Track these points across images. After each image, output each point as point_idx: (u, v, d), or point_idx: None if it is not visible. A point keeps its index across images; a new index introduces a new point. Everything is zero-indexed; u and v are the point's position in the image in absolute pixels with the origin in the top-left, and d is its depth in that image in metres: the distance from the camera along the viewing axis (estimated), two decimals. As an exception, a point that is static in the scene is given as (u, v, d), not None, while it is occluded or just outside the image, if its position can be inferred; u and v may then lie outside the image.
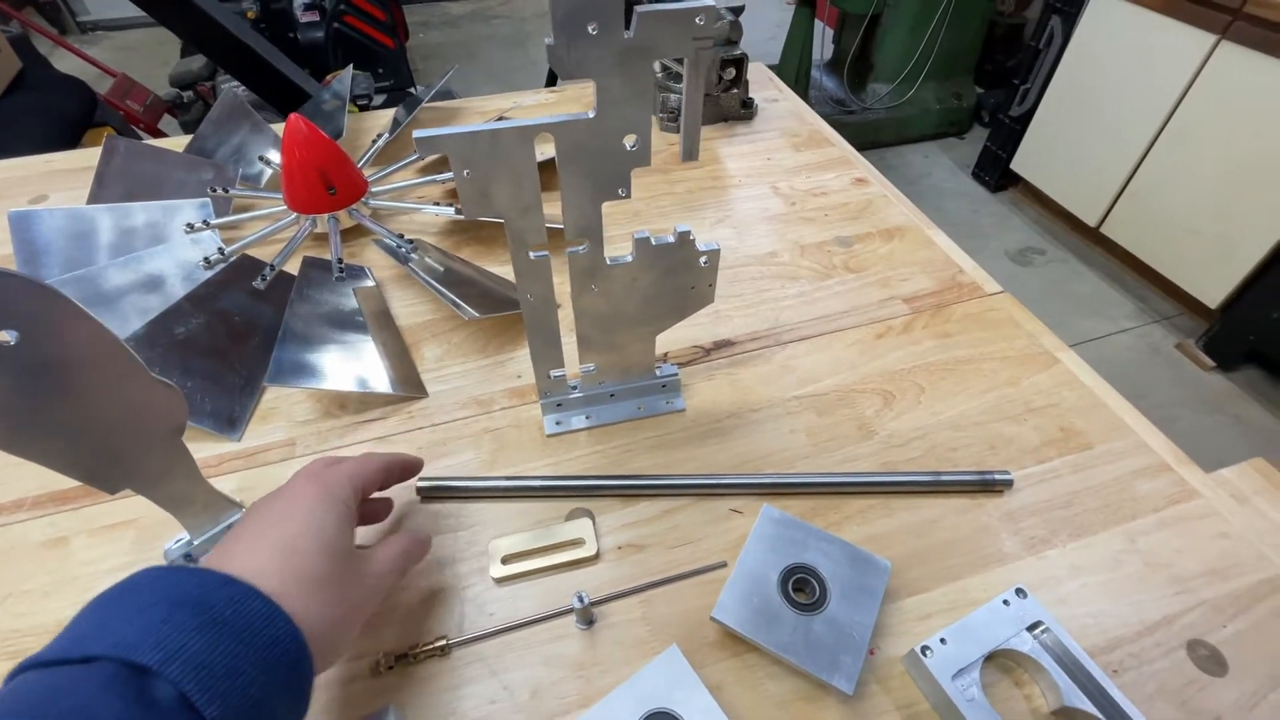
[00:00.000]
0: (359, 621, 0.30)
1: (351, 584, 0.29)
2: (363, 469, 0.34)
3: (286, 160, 0.56)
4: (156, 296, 0.52)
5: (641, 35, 0.28)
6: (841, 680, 0.32)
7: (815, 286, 0.58)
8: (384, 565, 0.32)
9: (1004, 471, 0.42)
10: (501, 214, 0.33)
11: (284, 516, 0.30)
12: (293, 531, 0.29)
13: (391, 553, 0.33)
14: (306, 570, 0.28)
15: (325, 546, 0.29)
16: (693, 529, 0.41)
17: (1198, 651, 0.35)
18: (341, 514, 0.30)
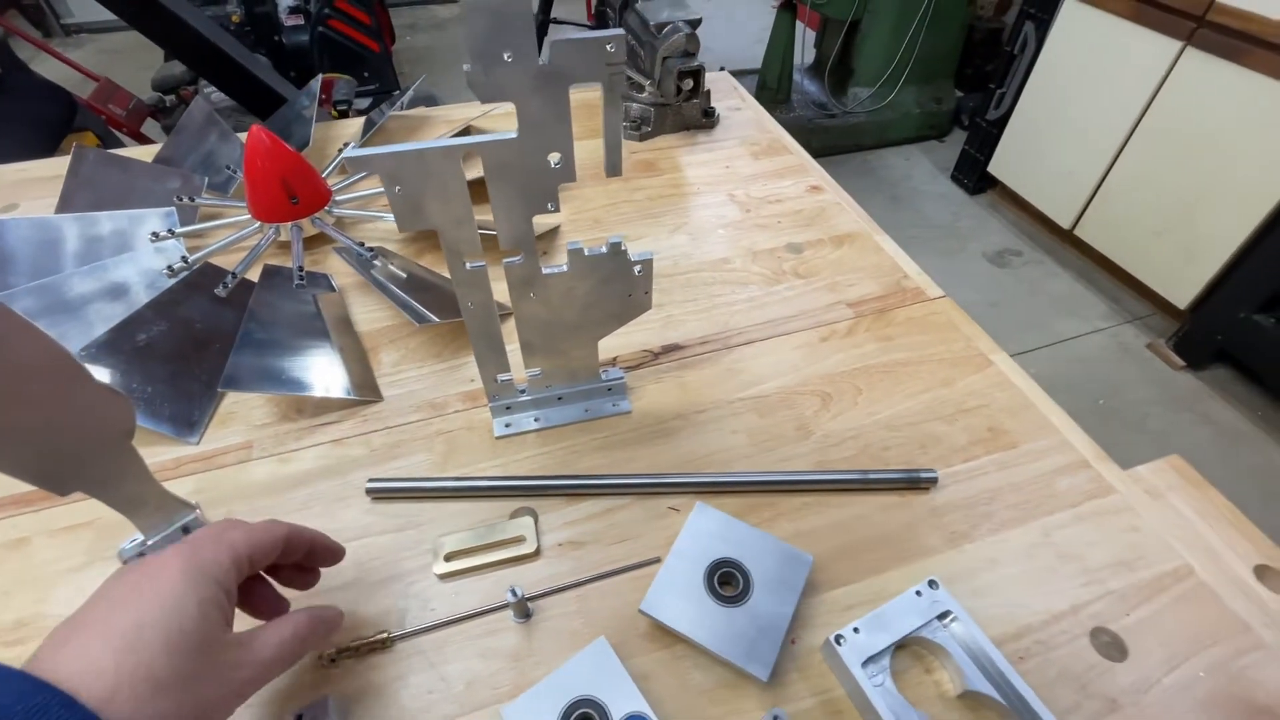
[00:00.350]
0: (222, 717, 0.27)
1: (210, 682, 0.26)
2: (254, 538, 0.30)
3: (249, 170, 0.58)
4: (120, 304, 0.54)
5: (555, 62, 0.30)
6: (758, 668, 0.34)
7: (765, 291, 0.60)
8: (265, 653, 0.28)
9: (930, 470, 0.44)
10: (435, 226, 0.35)
11: (135, 598, 0.25)
12: (140, 620, 0.25)
13: (278, 637, 0.29)
14: (147, 669, 0.23)
15: (179, 638, 0.25)
16: (632, 526, 0.43)
17: (1100, 638, 0.37)
18: (207, 596, 0.26)
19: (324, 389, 0.49)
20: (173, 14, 1.12)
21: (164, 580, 0.26)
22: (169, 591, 0.26)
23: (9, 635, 0.37)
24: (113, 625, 0.24)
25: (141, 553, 0.40)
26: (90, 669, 0.23)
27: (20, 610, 0.39)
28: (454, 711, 0.34)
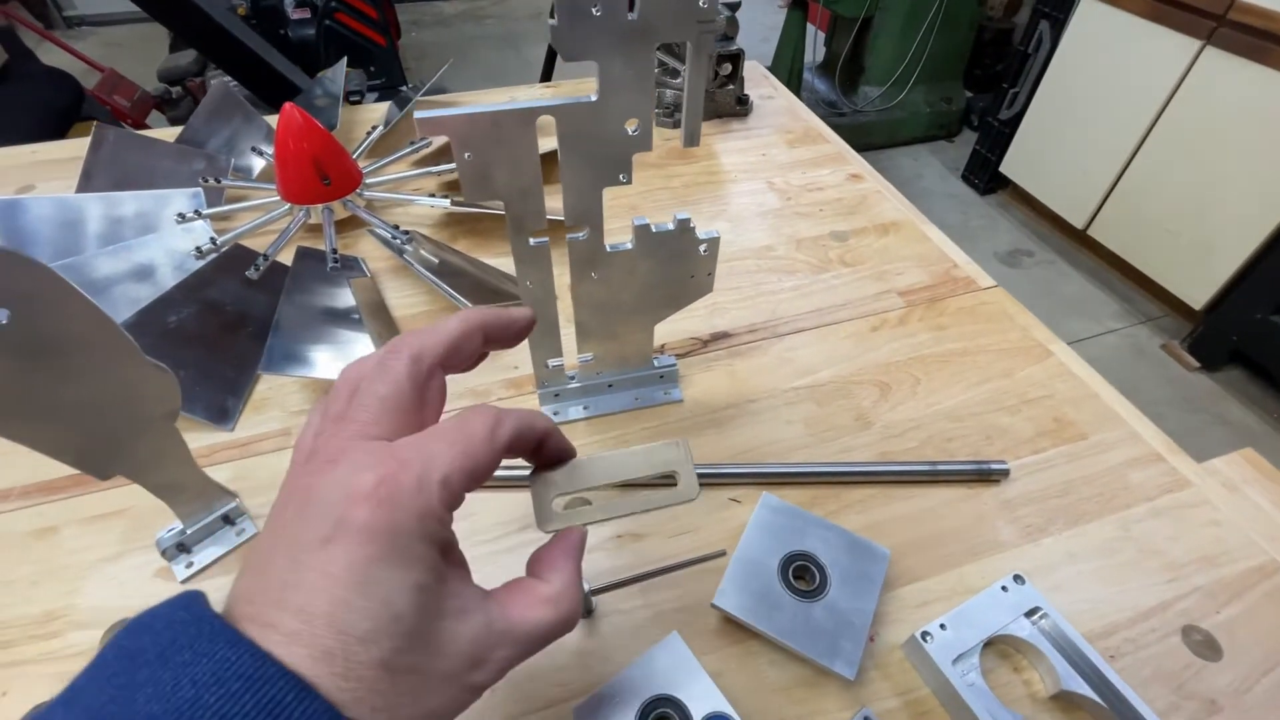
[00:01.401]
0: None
1: (445, 692, 0.19)
2: (468, 462, 0.21)
3: (280, 150, 0.56)
4: (147, 286, 0.51)
5: (645, 17, 0.28)
6: (843, 666, 0.32)
7: (811, 280, 0.58)
8: (518, 647, 0.21)
9: (1000, 461, 0.42)
10: (501, 197, 0.33)
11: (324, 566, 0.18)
12: (340, 613, 0.18)
13: (537, 617, 0.22)
14: (378, 693, 0.18)
15: (399, 646, 0.18)
16: (691, 518, 0.41)
17: (1192, 637, 0.36)
18: (425, 568, 0.19)
19: (363, 374, 0.47)
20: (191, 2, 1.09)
21: (356, 540, 0.18)
22: (370, 567, 0.18)
23: (39, 629, 0.35)
24: (310, 617, 0.17)
25: (180, 543, 0.38)
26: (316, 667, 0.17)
27: (49, 602, 0.37)
28: (520, 710, 0.32)
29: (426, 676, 0.19)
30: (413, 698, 0.18)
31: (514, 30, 3.38)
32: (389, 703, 0.18)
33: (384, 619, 0.18)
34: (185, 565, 0.38)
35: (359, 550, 0.18)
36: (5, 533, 0.39)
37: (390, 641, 0.18)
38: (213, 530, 0.39)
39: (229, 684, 0.16)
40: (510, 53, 3.18)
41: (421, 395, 0.22)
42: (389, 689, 0.18)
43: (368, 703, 0.17)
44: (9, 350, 0.26)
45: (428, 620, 0.19)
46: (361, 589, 0.18)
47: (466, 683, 0.20)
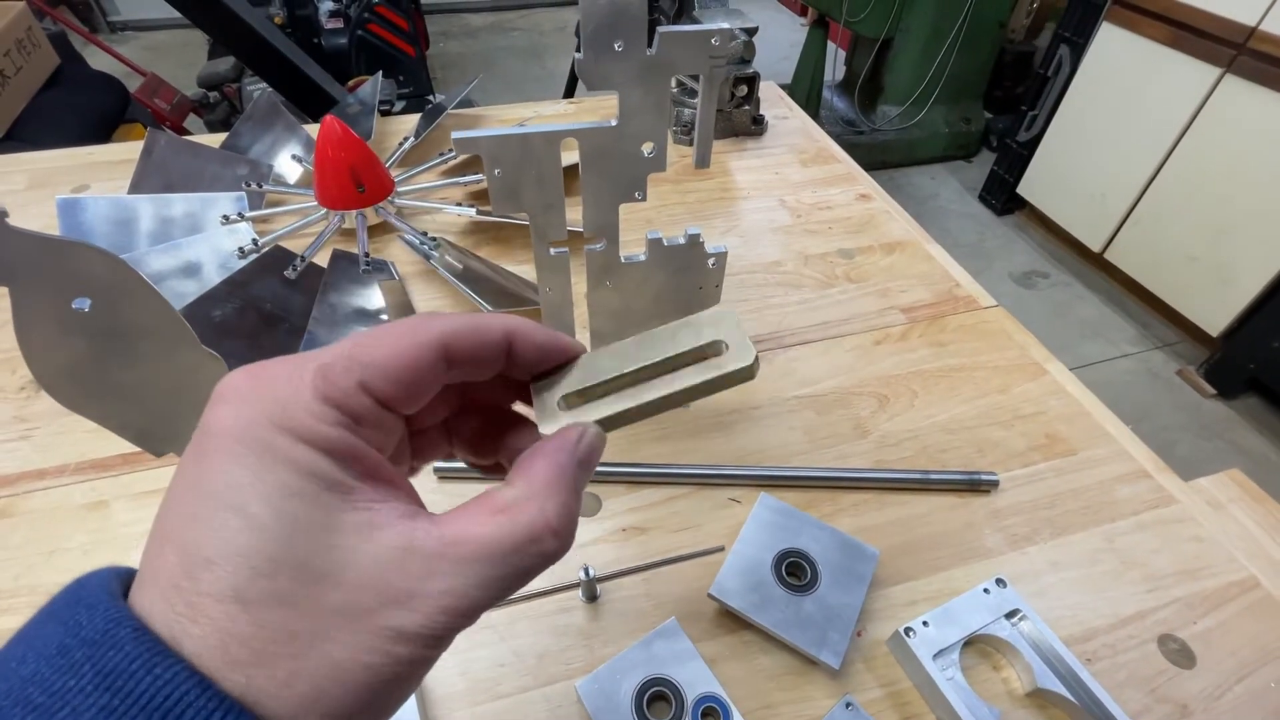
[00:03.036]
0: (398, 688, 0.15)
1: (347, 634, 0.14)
2: (364, 353, 0.17)
3: (320, 158, 0.60)
4: (194, 282, 0.55)
5: (662, 53, 0.31)
6: (829, 655, 0.34)
7: (818, 294, 0.60)
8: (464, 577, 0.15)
9: (990, 473, 0.44)
10: (527, 210, 0.36)
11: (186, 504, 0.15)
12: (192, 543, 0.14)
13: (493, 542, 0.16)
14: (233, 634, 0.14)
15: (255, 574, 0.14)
16: (693, 515, 0.43)
17: (1168, 645, 0.37)
18: (288, 476, 0.15)
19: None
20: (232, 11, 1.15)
21: (212, 467, 0.15)
22: (219, 485, 0.14)
23: (92, 592, 0.39)
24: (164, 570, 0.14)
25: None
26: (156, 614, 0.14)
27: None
28: (527, 684, 0.35)
29: (310, 614, 0.14)
30: (291, 643, 0.14)
31: (539, 43, 3.45)
32: (255, 650, 0.13)
33: (233, 531, 0.14)
34: (224, 540, 0.41)
35: (215, 456, 0.15)
36: (62, 504, 0.43)
37: (244, 562, 0.14)
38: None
39: (72, 652, 0.13)
40: (535, 64, 3.24)
41: None
42: (251, 631, 0.13)
43: (224, 651, 0.13)
44: (88, 334, 0.30)
45: (305, 536, 0.14)
46: (210, 498, 0.14)
47: (382, 625, 0.14)
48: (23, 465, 0.45)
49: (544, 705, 0.34)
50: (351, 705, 0.14)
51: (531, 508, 0.17)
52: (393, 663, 0.15)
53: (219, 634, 0.13)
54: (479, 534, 0.16)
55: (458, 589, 0.15)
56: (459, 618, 0.15)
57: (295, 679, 0.14)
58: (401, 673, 0.15)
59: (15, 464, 0.45)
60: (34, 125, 1.30)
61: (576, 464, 0.18)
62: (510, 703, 0.34)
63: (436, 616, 0.15)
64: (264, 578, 0.14)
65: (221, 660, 0.13)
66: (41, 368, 0.29)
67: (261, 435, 0.15)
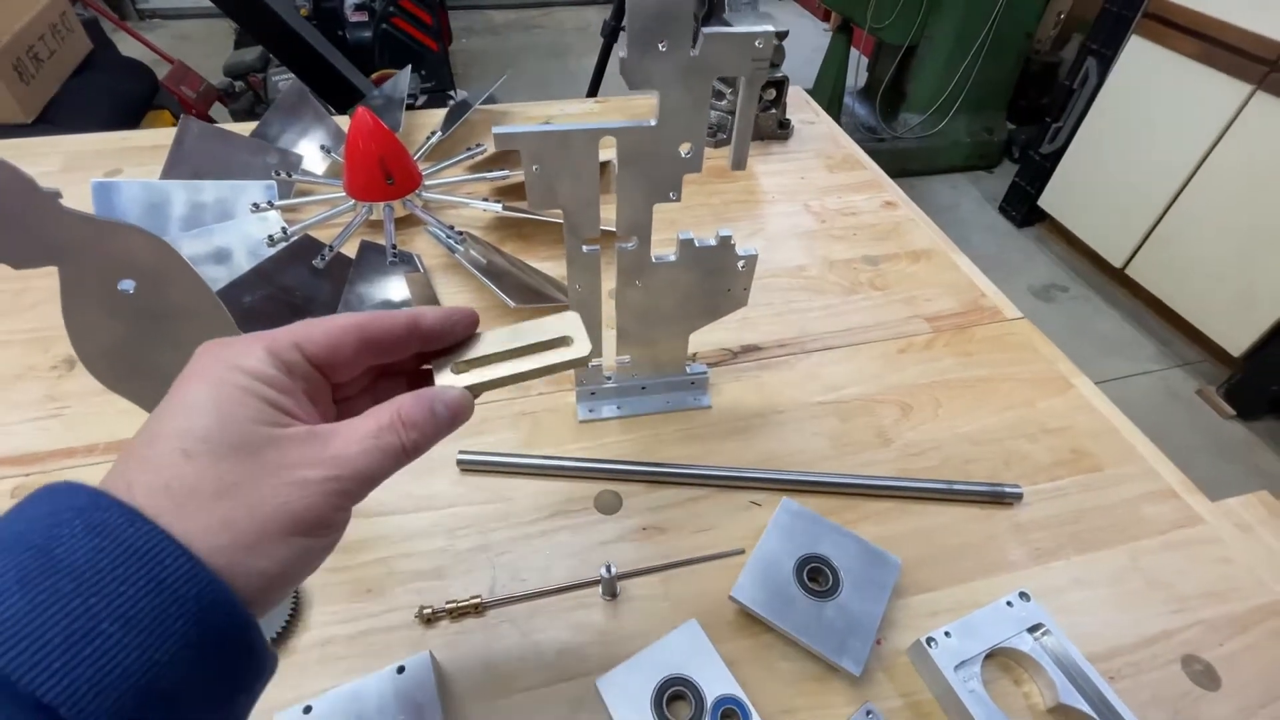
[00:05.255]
0: (302, 532, 0.21)
1: (265, 485, 0.20)
2: (300, 332, 0.24)
3: (350, 149, 0.60)
4: (224, 268, 0.56)
5: (705, 54, 0.31)
6: (850, 662, 0.34)
7: (842, 300, 0.60)
8: (348, 447, 0.22)
9: (1015, 485, 0.44)
10: (562, 207, 0.36)
11: (158, 414, 0.21)
12: (155, 432, 0.20)
13: (366, 427, 0.22)
14: (178, 482, 0.19)
15: (204, 444, 0.20)
16: (713, 517, 0.43)
17: (1193, 666, 0.37)
18: (234, 392, 0.21)
19: (415, 362, 0.50)
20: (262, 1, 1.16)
21: (181, 388, 0.22)
22: (184, 397, 0.21)
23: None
24: (135, 449, 0.20)
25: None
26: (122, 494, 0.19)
27: (129, 548, 0.40)
28: (547, 679, 0.35)
29: (237, 470, 0.20)
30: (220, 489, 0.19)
31: (561, 41, 3.46)
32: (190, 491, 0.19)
33: (185, 418, 0.20)
34: (249, 524, 0.41)
35: (185, 382, 0.22)
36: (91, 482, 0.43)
37: (191, 434, 0.20)
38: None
39: (60, 514, 0.18)
40: (556, 63, 3.25)
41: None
42: (192, 477, 0.19)
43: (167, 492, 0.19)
44: (131, 315, 0.30)
45: (239, 425, 0.20)
46: (174, 404, 0.21)
47: (292, 477, 0.20)
48: (54, 443, 0.46)
49: (563, 701, 0.34)
50: (267, 530, 0.20)
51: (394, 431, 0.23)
52: (297, 499, 0.20)
53: (163, 478, 0.19)
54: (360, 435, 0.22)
55: (343, 458, 0.22)
56: (347, 473, 0.21)
57: (215, 507, 0.19)
58: (303, 510, 0.20)
59: (47, 442, 0.46)
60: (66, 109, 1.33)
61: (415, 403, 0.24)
62: (529, 697, 0.34)
63: (331, 469, 0.21)
64: (203, 442, 0.20)
65: (163, 495, 0.19)
66: (84, 347, 0.30)
67: (219, 370, 0.22)
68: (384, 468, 0.23)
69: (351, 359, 0.24)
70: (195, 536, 0.18)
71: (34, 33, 1.33)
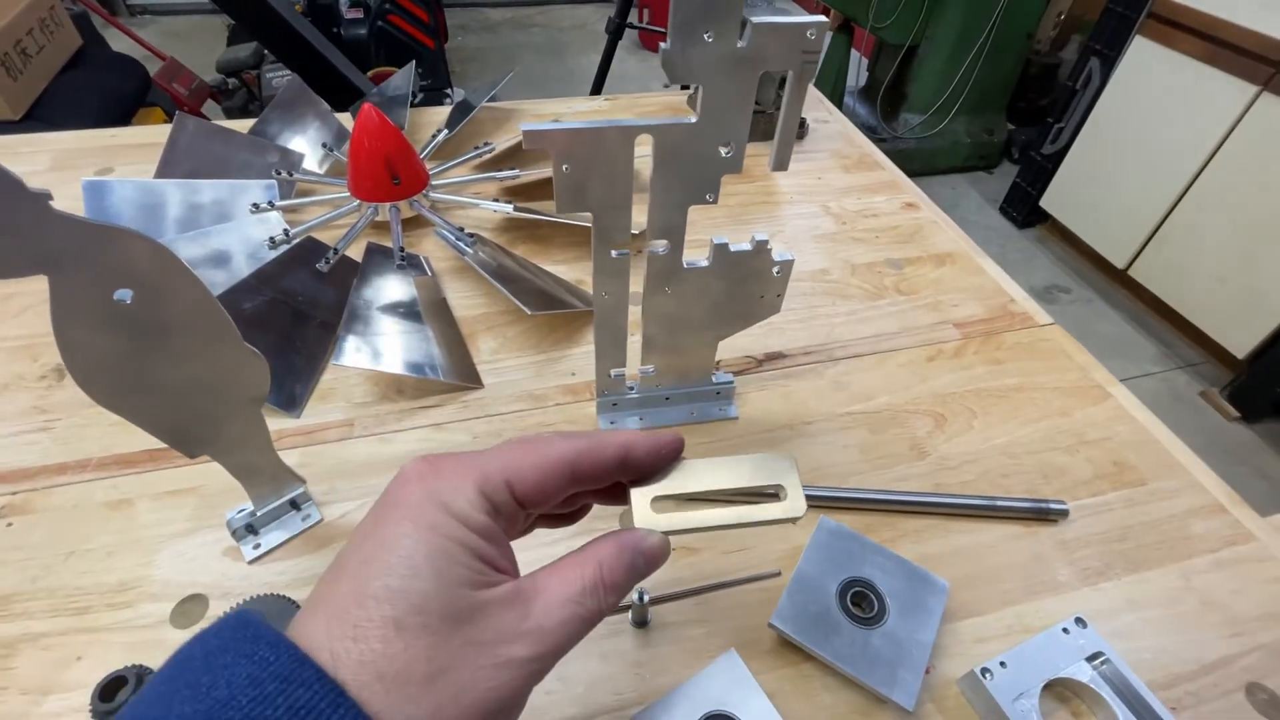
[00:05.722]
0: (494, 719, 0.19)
1: (471, 668, 0.18)
2: (511, 466, 0.22)
3: (355, 148, 0.58)
4: (223, 272, 0.53)
5: (754, 45, 0.29)
6: (901, 695, 0.32)
7: (867, 306, 0.58)
8: (549, 617, 0.20)
9: (1060, 501, 0.42)
10: (592, 210, 0.34)
11: (360, 559, 0.19)
12: (363, 590, 0.18)
13: (567, 591, 0.21)
14: (382, 662, 0.17)
15: (414, 615, 0.18)
16: (747, 536, 0.41)
17: (1256, 695, 0.35)
18: (446, 550, 0.19)
19: (425, 371, 0.48)
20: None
21: (389, 529, 0.19)
22: (395, 544, 0.19)
23: (115, 597, 0.36)
24: (337, 602, 0.18)
25: (249, 524, 0.39)
26: (321, 661, 0.17)
27: (125, 572, 0.38)
28: (576, 713, 0.33)
29: (447, 643, 0.18)
30: (429, 666, 0.17)
31: (558, 40, 3.44)
32: (400, 669, 0.17)
33: (399, 577, 0.18)
34: (253, 546, 0.39)
35: (393, 522, 0.20)
36: (84, 501, 0.41)
37: (404, 599, 0.18)
38: (280, 514, 0.40)
39: (264, 685, 0.16)
40: (555, 62, 3.22)
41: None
42: (402, 653, 0.17)
43: (374, 667, 0.17)
44: (128, 328, 0.27)
45: (451, 588, 0.19)
46: (384, 550, 0.19)
47: (499, 655, 0.19)
48: (42, 458, 0.43)
49: (595, 738, 0.32)
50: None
51: (596, 595, 0.22)
52: (502, 685, 0.19)
53: (374, 653, 0.17)
54: (562, 600, 0.21)
55: (546, 631, 0.20)
56: (548, 650, 0.20)
57: (425, 697, 0.17)
58: (507, 696, 0.19)
59: (35, 457, 0.43)
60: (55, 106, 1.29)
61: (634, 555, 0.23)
62: (558, 734, 0.32)
63: (534, 648, 0.20)
64: (417, 613, 0.18)
65: (372, 674, 0.17)
66: (77, 362, 0.27)
67: (431, 512, 0.20)
68: (578, 638, 0.21)
69: (555, 495, 0.23)
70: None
71: (22, 27, 1.29)
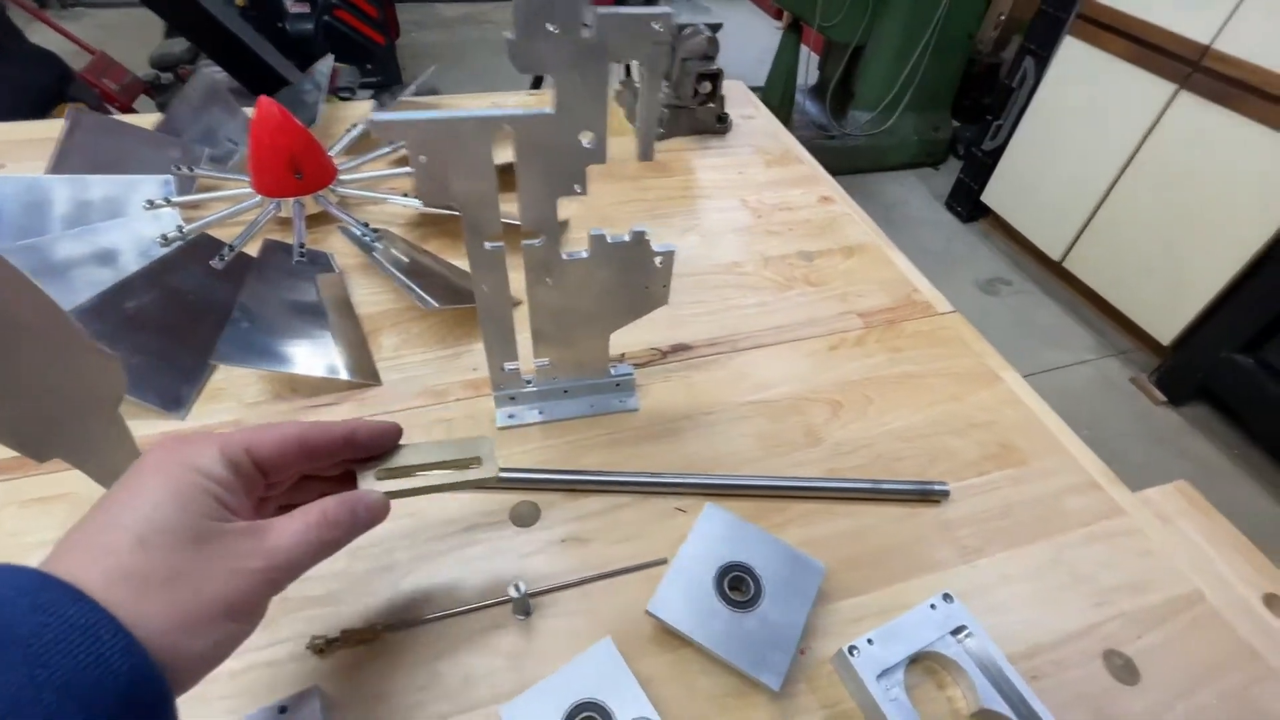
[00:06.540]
0: (235, 619, 0.24)
1: (208, 575, 0.23)
2: (252, 438, 0.27)
3: (254, 141, 0.56)
4: (109, 270, 0.51)
5: (599, 36, 0.29)
6: (770, 677, 0.33)
7: (776, 297, 0.59)
8: (282, 540, 0.25)
9: (942, 482, 0.43)
10: (458, 202, 0.33)
11: (113, 504, 0.24)
12: (112, 522, 0.23)
13: (297, 525, 0.26)
14: (132, 568, 0.22)
15: (160, 535, 0.22)
16: (636, 526, 0.41)
17: (1113, 661, 0.37)
18: (185, 487, 0.24)
19: (320, 369, 0.47)
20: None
21: (139, 478, 0.24)
22: (142, 489, 0.24)
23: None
24: (91, 533, 0.23)
25: (119, 529, 0.37)
26: (76, 578, 0.21)
27: (-17, 584, 0.36)
28: (448, 710, 0.32)
29: (188, 559, 0.23)
30: (171, 575, 0.22)
31: (514, 36, 3.40)
32: (144, 579, 0.22)
33: (143, 510, 0.23)
34: (124, 552, 0.37)
35: (142, 475, 0.24)
36: (-58, 512, 0.39)
37: (149, 524, 0.23)
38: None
39: (5, 593, 0.19)
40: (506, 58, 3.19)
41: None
42: (146, 565, 0.22)
43: (123, 579, 0.21)
44: (-53, 328, 0.26)
45: (192, 518, 0.23)
46: (133, 494, 0.24)
47: (233, 566, 0.24)
48: (-99, 468, 0.41)
49: (466, 732, 0.32)
50: (205, 615, 0.23)
51: (320, 529, 0.27)
52: (238, 588, 0.24)
53: (120, 564, 0.22)
54: (291, 531, 0.26)
55: (277, 550, 0.25)
56: (279, 565, 0.25)
57: (165, 594, 0.22)
58: (244, 596, 0.24)
59: (-107, 467, 0.41)
60: (-40, 101, 1.23)
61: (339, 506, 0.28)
62: (429, 730, 0.32)
63: (266, 561, 0.25)
64: (158, 533, 0.23)
65: (118, 578, 0.21)
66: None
67: (175, 467, 0.25)
68: (309, 561, 0.26)
69: (291, 465, 0.28)
70: (146, 618, 0.21)
71: (-76, 18, 1.23)
